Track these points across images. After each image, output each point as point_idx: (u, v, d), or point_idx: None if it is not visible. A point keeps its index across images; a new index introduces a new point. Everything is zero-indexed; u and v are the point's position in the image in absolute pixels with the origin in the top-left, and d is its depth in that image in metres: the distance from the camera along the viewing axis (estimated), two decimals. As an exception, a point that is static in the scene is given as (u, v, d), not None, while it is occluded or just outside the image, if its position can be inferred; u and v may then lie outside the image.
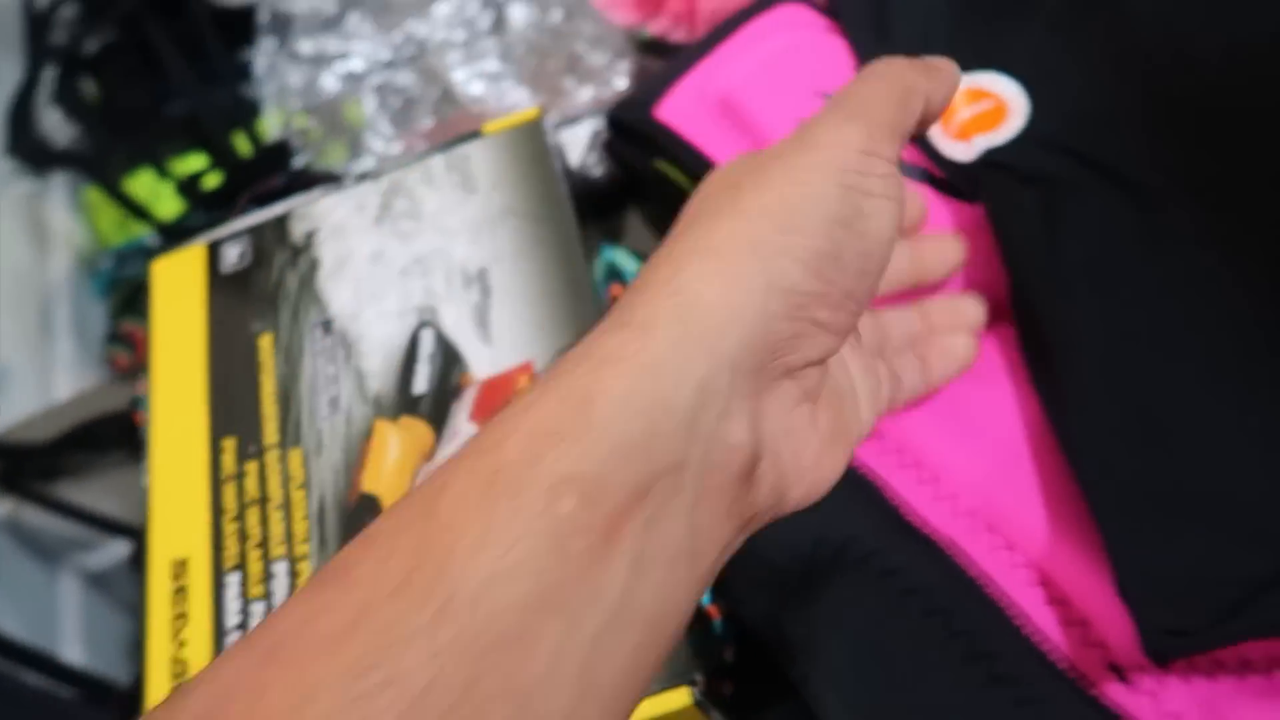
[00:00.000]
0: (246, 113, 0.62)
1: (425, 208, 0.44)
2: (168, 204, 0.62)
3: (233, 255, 0.45)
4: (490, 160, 0.45)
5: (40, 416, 0.59)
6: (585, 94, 0.60)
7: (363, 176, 0.46)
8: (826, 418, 0.25)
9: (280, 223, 0.46)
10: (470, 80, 0.61)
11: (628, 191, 0.56)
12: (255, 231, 0.46)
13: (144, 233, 0.62)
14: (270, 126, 0.62)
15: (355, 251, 0.44)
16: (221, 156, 0.61)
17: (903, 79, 0.26)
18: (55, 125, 0.66)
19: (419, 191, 0.45)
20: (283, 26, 0.63)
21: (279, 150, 0.60)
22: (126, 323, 0.63)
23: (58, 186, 0.70)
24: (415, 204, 0.44)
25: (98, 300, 0.66)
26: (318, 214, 0.46)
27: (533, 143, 0.45)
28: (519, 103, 0.60)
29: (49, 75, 0.66)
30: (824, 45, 0.45)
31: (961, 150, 0.40)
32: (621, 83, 0.59)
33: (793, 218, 0.22)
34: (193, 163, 0.62)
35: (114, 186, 0.61)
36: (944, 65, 0.28)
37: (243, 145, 0.61)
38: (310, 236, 0.45)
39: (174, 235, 0.59)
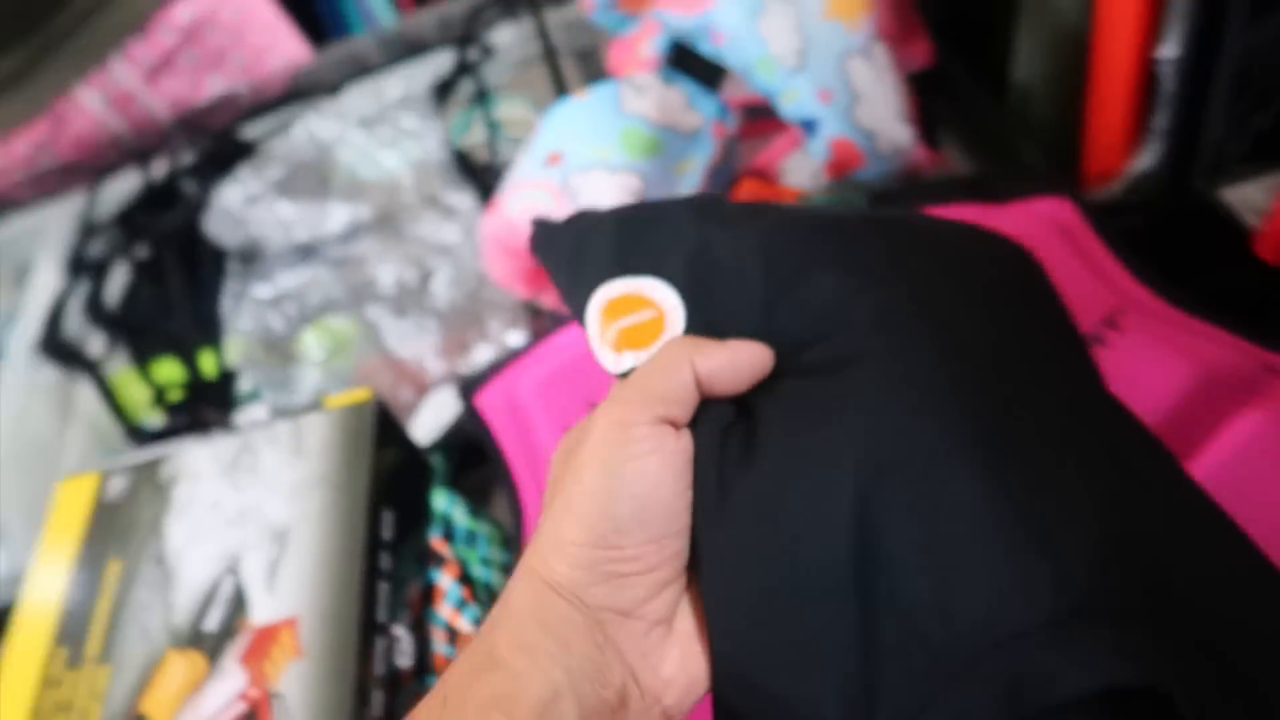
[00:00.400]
0: (215, 338, 0.74)
1: (263, 465, 0.53)
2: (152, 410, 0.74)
3: (115, 488, 0.55)
4: (322, 431, 0.53)
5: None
6: (485, 353, 0.69)
7: (230, 429, 0.56)
8: (683, 628, 0.31)
9: (154, 465, 0.55)
10: (393, 330, 0.71)
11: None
12: (136, 469, 0.56)
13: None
14: (233, 353, 0.73)
15: (199, 498, 0.53)
16: (192, 373, 0.73)
17: (667, 353, 0.33)
18: (84, 327, 0.80)
19: (263, 450, 0.54)
20: (250, 265, 0.75)
21: (229, 377, 0.71)
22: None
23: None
24: (256, 460, 0.53)
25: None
26: (183, 459, 0.55)
27: (359, 420, 0.53)
28: (429, 354, 0.69)
29: (83, 286, 0.80)
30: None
31: (612, 361, 0.38)
32: (518, 343, 0.67)
33: (578, 512, 0.30)
34: (170, 373, 0.74)
35: (106, 390, 0.74)
36: (712, 343, 0.33)
37: (208, 366, 0.73)
38: (173, 479, 0.54)
39: (142, 439, 0.71)
